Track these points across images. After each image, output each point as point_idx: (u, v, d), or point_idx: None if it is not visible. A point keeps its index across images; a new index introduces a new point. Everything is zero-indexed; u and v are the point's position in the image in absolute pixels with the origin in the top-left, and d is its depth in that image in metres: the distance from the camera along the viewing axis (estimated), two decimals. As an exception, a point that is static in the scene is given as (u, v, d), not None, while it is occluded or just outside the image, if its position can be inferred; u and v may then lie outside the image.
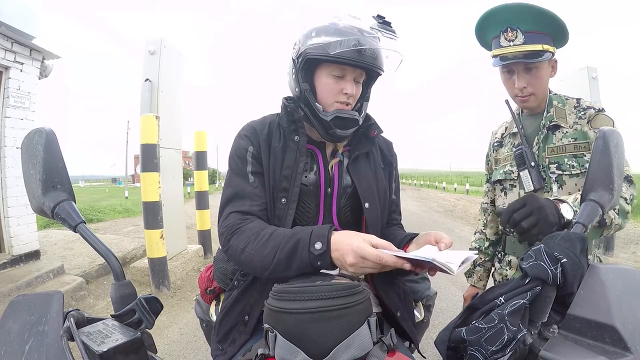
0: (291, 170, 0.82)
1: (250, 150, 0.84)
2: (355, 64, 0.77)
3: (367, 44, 0.75)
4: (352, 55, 0.75)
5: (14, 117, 3.30)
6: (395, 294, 0.87)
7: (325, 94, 0.81)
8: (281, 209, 0.81)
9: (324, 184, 0.86)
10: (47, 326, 0.42)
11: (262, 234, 0.72)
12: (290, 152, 0.83)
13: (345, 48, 0.74)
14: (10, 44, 3.16)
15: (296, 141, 0.84)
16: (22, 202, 3.35)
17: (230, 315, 0.83)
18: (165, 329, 2.58)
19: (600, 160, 0.54)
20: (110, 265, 0.52)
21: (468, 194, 17.41)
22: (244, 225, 0.75)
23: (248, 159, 0.83)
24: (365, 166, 0.89)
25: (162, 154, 3.40)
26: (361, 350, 0.50)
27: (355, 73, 0.81)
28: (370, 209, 0.86)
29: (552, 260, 0.48)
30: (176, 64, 3.93)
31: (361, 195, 0.86)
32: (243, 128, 0.88)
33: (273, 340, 0.50)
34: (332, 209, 0.87)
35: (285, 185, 0.81)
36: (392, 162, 0.98)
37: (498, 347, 0.48)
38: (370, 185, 0.88)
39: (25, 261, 3.39)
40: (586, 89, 4.63)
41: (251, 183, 0.82)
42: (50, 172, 0.53)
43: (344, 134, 0.82)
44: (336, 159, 0.88)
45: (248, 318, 0.79)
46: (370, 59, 0.77)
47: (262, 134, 0.85)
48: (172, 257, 3.78)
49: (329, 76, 0.80)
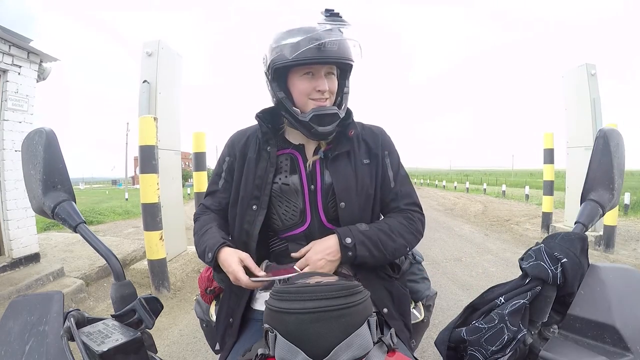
0: (262, 180, 0.89)
1: (226, 160, 0.97)
2: (318, 61, 0.79)
3: (320, 38, 0.76)
4: (312, 54, 0.77)
5: (13, 120, 3.29)
6: (385, 291, 0.88)
7: (300, 96, 0.84)
8: (251, 214, 0.88)
9: (306, 182, 0.89)
10: (48, 326, 0.42)
11: (203, 229, 0.90)
12: (262, 162, 0.90)
13: (301, 49, 0.77)
14: (8, 47, 3.16)
15: (268, 151, 0.90)
16: (21, 205, 3.35)
17: (220, 319, 0.91)
18: (165, 330, 2.58)
19: (601, 159, 0.54)
20: (111, 265, 0.52)
21: (468, 192, 17.42)
22: (201, 216, 0.96)
23: (223, 167, 0.97)
24: (345, 165, 0.90)
25: (161, 156, 3.39)
26: (361, 350, 0.50)
27: (324, 69, 0.83)
28: (346, 209, 0.87)
29: (552, 260, 0.48)
30: (174, 65, 3.92)
31: (337, 195, 0.87)
32: (229, 137, 1.00)
33: (273, 340, 0.50)
34: (317, 205, 0.89)
35: (257, 194, 0.88)
36: (378, 154, 0.94)
37: (498, 347, 0.47)
38: (348, 185, 0.88)
39: (25, 264, 3.38)
40: (585, 86, 4.65)
41: (219, 187, 0.98)
42: (51, 172, 0.53)
43: (326, 130, 0.84)
44: (316, 156, 0.90)
45: (232, 320, 0.86)
46: (332, 52, 0.78)
47: (239, 145, 0.95)
48: (172, 259, 3.77)
49: (300, 78, 0.83)
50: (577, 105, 4.82)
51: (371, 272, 0.87)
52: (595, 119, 4.58)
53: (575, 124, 4.88)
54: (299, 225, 0.89)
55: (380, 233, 0.84)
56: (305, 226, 0.89)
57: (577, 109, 4.84)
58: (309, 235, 0.89)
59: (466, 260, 4.37)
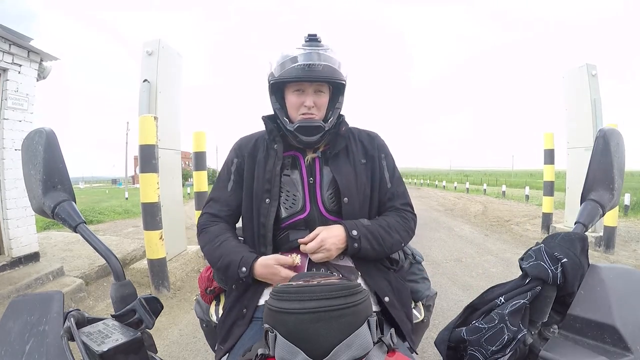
0: (271, 173, 0.94)
1: (234, 162, 1.01)
2: (302, 79, 0.89)
3: (300, 61, 0.87)
4: (298, 73, 0.88)
5: (13, 119, 3.29)
6: (385, 281, 0.92)
7: (291, 109, 0.95)
8: (266, 208, 0.93)
9: (306, 175, 0.96)
10: (48, 326, 0.41)
11: (216, 240, 0.92)
12: (270, 159, 0.97)
13: (285, 68, 0.89)
14: (8, 46, 3.16)
15: (275, 149, 0.97)
16: (21, 204, 3.35)
17: (231, 316, 0.90)
18: (164, 330, 2.58)
19: (601, 159, 0.54)
20: (111, 265, 0.52)
21: (468, 192, 17.41)
22: (208, 227, 0.97)
23: (231, 170, 1.01)
24: (345, 162, 0.98)
25: (161, 155, 3.39)
26: (361, 350, 0.50)
27: (313, 86, 0.92)
28: (349, 204, 0.93)
29: (553, 260, 0.48)
30: (174, 64, 3.92)
31: (342, 191, 0.93)
32: (235, 142, 1.05)
33: (273, 340, 0.51)
34: (316, 197, 0.95)
35: (268, 187, 0.94)
36: (374, 155, 1.02)
37: (498, 347, 0.47)
38: (350, 181, 0.95)
39: (24, 263, 3.38)
40: (586, 86, 4.65)
41: (228, 190, 1.00)
42: (51, 173, 0.53)
43: (309, 140, 0.93)
44: (314, 154, 0.98)
45: (246, 311, 0.88)
46: (316, 72, 0.88)
47: (247, 147, 1.01)
48: (172, 258, 3.77)
49: (292, 94, 0.94)
50: (578, 106, 4.83)
51: (370, 263, 0.92)
52: (595, 119, 4.58)
53: (576, 124, 4.89)
54: (299, 213, 0.94)
55: (380, 229, 0.91)
56: (305, 214, 0.94)
57: (577, 110, 4.84)
58: (309, 221, 0.93)
59: (466, 260, 4.37)
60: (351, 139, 1.02)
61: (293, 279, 0.67)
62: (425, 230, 6.34)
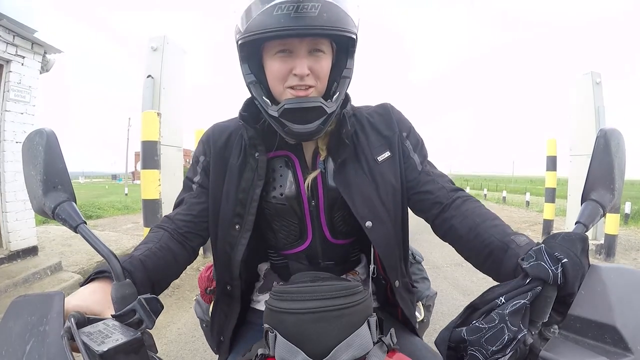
0: (246, 194, 0.71)
1: (201, 161, 0.78)
2: (287, 30, 0.55)
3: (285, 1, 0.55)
4: (279, 22, 0.55)
5: (14, 111, 3.29)
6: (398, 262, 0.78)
7: (274, 82, 0.64)
8: (234, 235, 0.72)
9: (306, 198, 0.73)
10: (48, 326, 0.42)
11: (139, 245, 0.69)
12: (247, 172, 0.72)
13: (257, 14, 0.56)
14: (12, 37, 3.17)
15: (256, 159, 0.71)
16: (20, 198, 3.35)
17: (213, 331, 0.83)
18: (163, 329, 2.57)
19: (601, 159, 0.54)
20: (111, 265, 0.52)
21: (468, 197, 17.38)
22: (151, 233, 0.71)
23: (197, 169, 0.78)
24: (356, 173, 0.72)
25: (163, 152, 3.40)
26: (361, 350, 0.50)
27: (306, 44, 0.61)
28: (374, 228, 0.70)
29: (553, 260, 0.48)
30: (179, 61, 3.93)
31: (357, 215, 0.69)
32: (204, 132, 0.80)
33: (273, 340, 0.50)
34: (320, 221, 0.75)
35: (239, 211, 0.72)
36: (394, 141, 0.74)
37: (498, 347, 0.47)
38: (367, 198, 0.70)
39: (22, 257, 3.38)
40: (590, 94, 4.66)
41: (192, 192, 0.77)
42: (51, 173, 0.53)
43: (304, 130, 0.62)
44: (317, 170, 0.73)
45: (223, 339, 0.79)
46: (310, 19, 0.55)
47: (217, 144, 0.75)
48: (171, 255, 3.77)
49: (274, 57, 0.62)
50: (581, 114, 4.84)
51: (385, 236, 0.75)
52: (598, 127, 4.60)
53: (579, 132, 4.90)
54: (298, 244, 0.79)
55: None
56: (305, 245, 0.78)
57: (581, 117, 4.86)
58: (311, 254, 0.79)
59: (467, 265, 4.34)
60: (359, 132, 0.74)
61: (293, 279, 0.67)
62: (426, 234, 6.33)
